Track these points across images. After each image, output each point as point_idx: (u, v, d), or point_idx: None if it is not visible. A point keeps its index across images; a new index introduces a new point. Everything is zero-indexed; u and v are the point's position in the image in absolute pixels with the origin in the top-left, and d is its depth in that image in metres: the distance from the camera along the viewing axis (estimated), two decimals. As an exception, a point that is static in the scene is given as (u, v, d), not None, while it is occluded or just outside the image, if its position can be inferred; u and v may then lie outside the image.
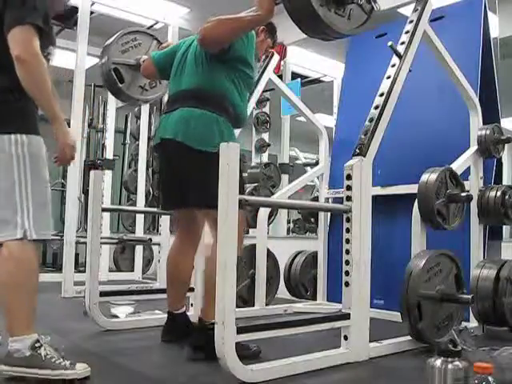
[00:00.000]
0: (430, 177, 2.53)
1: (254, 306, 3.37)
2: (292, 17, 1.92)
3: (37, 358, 1.76)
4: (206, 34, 2.21)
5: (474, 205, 2.90)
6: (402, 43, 2.56)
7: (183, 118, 2.22)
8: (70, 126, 4.42)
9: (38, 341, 1.79)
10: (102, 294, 2.82)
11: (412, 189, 2.66)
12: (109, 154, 6.05)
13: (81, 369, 1.80)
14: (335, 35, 2.00)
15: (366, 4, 2.04)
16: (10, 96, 1.81)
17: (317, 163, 4.18)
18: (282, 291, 3.85)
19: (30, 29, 1.76)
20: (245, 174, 4.88)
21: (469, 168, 2.96)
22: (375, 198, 2.40)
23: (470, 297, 2.44)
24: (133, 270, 5.82)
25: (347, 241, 2.21)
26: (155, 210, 5.59)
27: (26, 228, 1.79)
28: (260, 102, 5.38)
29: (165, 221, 4.60)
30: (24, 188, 1.80)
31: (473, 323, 2.83)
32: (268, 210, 3.54)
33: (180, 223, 2.60)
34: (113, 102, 6.08)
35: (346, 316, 2.17)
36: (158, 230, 6.31)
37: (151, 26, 5.52)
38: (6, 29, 1.77)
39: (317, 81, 6.45)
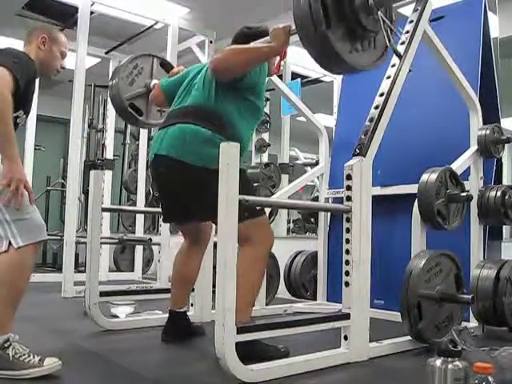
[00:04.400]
0: (429, 177, 2.53)
1: (254, 305, 3.36)
2: (319, 64, 1.90)
3: (4, 358, 1.79)
4: (220, 64, 2.16)
5: (474, 205, 2.90)
6: (402, 43, 2.56)
7: (178, 134, 2.19)
8: (69, 126, 4.43)
9: (7, 340, 1.80)
10: (102, 294, 2.81)
11: (412, 189, 2.66)
12: (109, 154, 6.05)
13: (48, 364, 1.82)
14: (358, 71, 2.00)
15: (389, 29, 1.98)
16: None
17: (317, 163, 4.18)
18: (282, 291, 3.84)
19: (7, 72, 1.76)
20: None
21: (469, 168, 2.96)
22: (375, 198, 2.39)
23: (469, 297, 2.44)
24: (133, 270, 5.82)
25: (347, 241, 2.21)
26: (155, 210, 5.60)
27: (10, 239, 1.82)
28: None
29: (165, 221, 4.60)
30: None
31: (473, 323, 2.83)
32: (268, 209, 3.54)
33: (186, 234, 2.62)
34: (113, 102, 6.08)
35: (346, 316, 2.17)
36: (157, 230, 6.32)
37: (151, 26, 5.53)
38: None
39: (317, 81, 6.45)
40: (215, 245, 1.89)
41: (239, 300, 1.81)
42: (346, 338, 2.19)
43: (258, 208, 2.15)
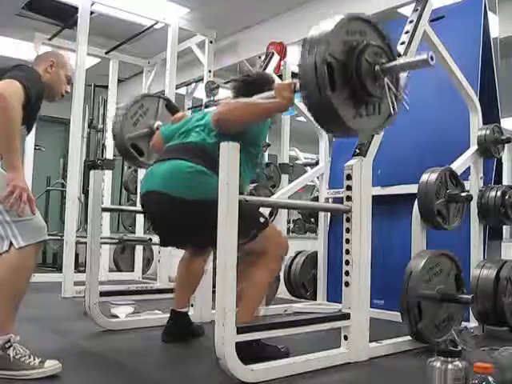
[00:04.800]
0: (429, 177, 2.53)
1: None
2: (321, 127, 1.88)
3: (5, 358, 1.79)
4: (223, 117, 2.14)
5: (474, 205, 2.89)
6: (402, 43, 2.56)
7: (169, 169, 2.16)
8: (69, 126, 4.43)
9: (8, 341, 1.81)
10: (102, 293, 2.81)
11: (412, 189, 2.66)
12: (109, 154, 6.05)
13: (49, 366, 1.83)
14: (369, 134, 2.00)
15: (395, 97, 1.92)
16: None
17: (317, 163, 4.18)
18: (282, 291, 3.84)
19: (21, 86, 1.81)
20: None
21: (469, 168, 2.96)
22: (375, 198, 2.39)
23: (469, 297, 2.44)
24: (133, 270, 5.83)
25: (347, 241, 2.21)
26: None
27: (10, 239, 1.83)
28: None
29: (165, 221, 4.59)
30: None
31: (473, 323, 2.83)
32: (268, 209, 3.54)
33: (187, 250, 2.65)
34: (113, 102, 6.08)
35: (346, 316, 2.17)
36: (158, 230, 6.30)
37: (151, 26, 5.53)
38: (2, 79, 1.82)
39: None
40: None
41: (246, 301, 1.82)
42: (345, 338, 2.19)
43: (261, 220, 2.15)
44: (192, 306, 2.99)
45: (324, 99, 1.69)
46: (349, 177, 2.22)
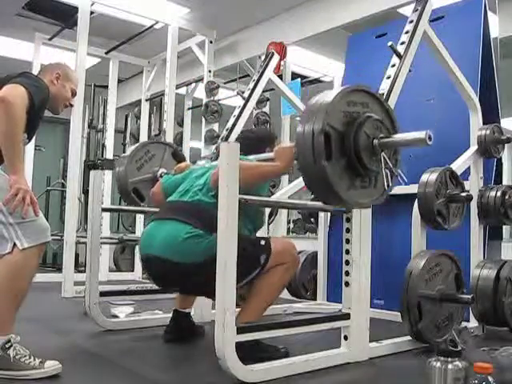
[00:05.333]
0: (429, 177, 2.53)
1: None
2: (314, 194, 1.89)
3: (5, 358, 1.79)
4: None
5: (474, 205, 2.89)
6: (402, 43, 2.56)
7: (170, 234, 2.17)
8: (70, 126, 4.43)
9: (8, 341, 1.81)
10: (102, 293, 2.81)
11: (412, 189, 2.66)
12: (109, 154, 6.05)
13: (49, 367, 1.83)
14: (364, 206, 1.98)
15: (391, 173, 1.90)
16: None
17: (317, 163, 4.16)
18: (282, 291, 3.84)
19: (24, 89, 1.82)
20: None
21: (469, 168, 2.96)
22: (375, 198, 2.39)
23: (469, 297, 2.44)
24: (133, 270, 5.83)
25: (347, 241, 2.21)
26: (155, 209, 5.58)
27: (14, 240, 1.84)
28: (260, 102, 5.38)
29: (165, 221, 4.59)
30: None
31: (473, 323, 2.83)
32: (268, 209, 3.54)
33: None
34: (113, 102, 6.08)
35: (346, 316, 2.17)
36: (158, 230, 6.30)
37: (151, 26, 5.53)
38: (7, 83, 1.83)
39: (317, 81, 6.45)
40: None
41: (254, 303, 1.82)
42: (346, 338, 2.19)
43: (262, 243, 2.15)
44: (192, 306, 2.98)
45: (318, 168, 1.67)
46: (349, 177, 2.22)
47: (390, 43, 2.53)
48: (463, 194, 2.60)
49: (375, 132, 1.79)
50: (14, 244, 1.84)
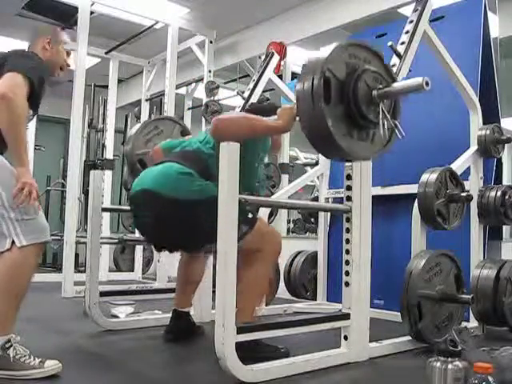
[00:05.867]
0: (429, 177, 2.53)
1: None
2: (312, 144, 1.86)
3: (5, 358, 1.79)
4: (220, 128, 2.12)
5: (474, 205, 2.89)
6: (402, 43, 2.56)
7: (162, 170, 2.17)
8: (70, 126, 4.43)
9: (8, 341, 1.81)
10: (102, 293, 2.81)
11: (412, 189, 2.66)
12: (109, 154, 6.05)
13: (49, 366, 1.83)
14: (359, 159, 1.98)
15: (389, 125, 1.91)
16: None
17: (317, 163, 4.17)
18: (282, 291, 3.84)
19: (24, 78, 1.82)
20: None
21: (469, 168, 2.96)
22: (375, 198, 2.39)
23: (469, 297, 2.44)
24: (133, 270, 5.83)
25: (347, 241, 2.21)
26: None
27: (13, 237, 1.83)
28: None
29: (165, 221, 4.59)
30: (1, 205, 1.84)
31: (473, 323, 2.83)
32: (268, 209, 3.54)
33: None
34: (113, 102, 6.08)
35: (346, 316, 2.17)
36: (158, 230, 6.30)
37: (151, 26, 5.53)
38: (4, 72, 1.82)
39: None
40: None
41: (245, 301, 1.81)
42: (346, 338, 2.19)
43: (250, 216, 2.13)
44: (192, 305, 2.98)
45: (317, 111, 1.70)
46: (349, 177, 2.23)
47: (390, 43, 2.53)
48: (463, 194, 2.60)
49: (375, 84, 1.84)
50: (13, 242, 1.83)
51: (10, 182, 1.82)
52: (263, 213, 3.48)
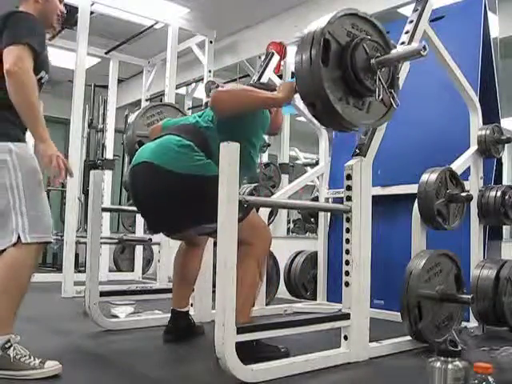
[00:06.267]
0: (429, 177, 2.53)
1: (253, 305, 3.36)
2: (309, 109, 1.88)
3: (5, 358, 1.79)
4: (219, 100, 2.11)
5: (474, 205, 2.89)
6: (402, 43, 2.56)
7: (159, 143, 2.17)
8: (70, 126, 4.43)
9: (8, 341, 1.81)
10: (102, 294, 2.81)
11: (412, 189, 2.66)
12: (109, 154, 6.05)
13: (49, 367, 1.83)
14: (353, 128, 1.97)
15: (385, 97, 1.95)
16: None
17: (317, 163, 4.17)
18: (282, 291, 3.85)
19: (24, 48, 1.80)
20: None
21: (469, 168, 2.96)
22: (375, 198, 2.39)
23: (469, 297, 2.44)
24: (133, 270, 5.83)
25: (347, 241, 2.21)
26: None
27: (19, 232, 1.83)
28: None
29: (165, 221, 4.59)
30: (17, 194, 1.85)
31: (473, 323, 2.83)
32: (268, 210, 3.54)
33: (181, 239, 2.62)
34: (113, 102, 6.08)
35: (346, 316, 2.17)
36: (157, 230, 6.30)
37: (151, 26, 5.53)
38: (3, 46, 1.81)
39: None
40: (215, 243, 1.89)
41: (238, 301, 1.81)
42: (346, 338, 2.19)
43: (244, 206, 2.12)
44: (192, 305, 2.99)
45: (314, 69, 1.74)
46: (349, 177, 2.22)
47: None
48: (463, 194, 2.60)
49: (374, 53, 1.88)
50: (19, 237, 1.82)
51: (31, 172, 1.87)
52: (263, 213, 3.48)
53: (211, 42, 5.37)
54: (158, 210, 2.19)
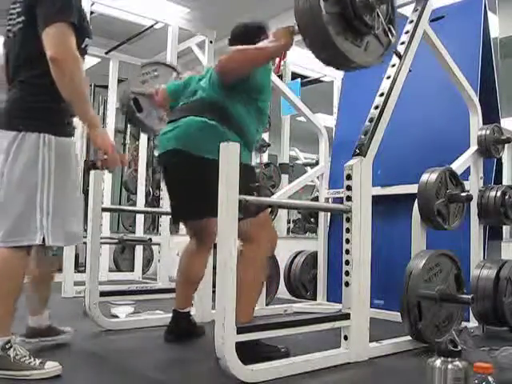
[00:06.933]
0: (429, 177, 2.53)
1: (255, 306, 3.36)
2: (306, 43, 1.90)
3: (6, 359, 1.79)
4: (224, 65, 2.14)
5: (474, 205, 2.89)
6: (402, 43, 2.56)
7: (183, 127, 2.18)
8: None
9: (8, 341, 1.80)
10: (102, 294, 2.81)
11: (412, 189, 2.66)
12: (109, 154, 6.04)
13: (49, 367, 1.83)
14: (351, 65, 1.96)
15: (383, 36, 1.98)
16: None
17: (317, 163, 4.17)
18: (282, 291, 3.84)
19: (64, 26, 1.72)
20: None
21: (469, 168, 2.96)
22: (375, 198, 2.39)
23: (469, 297, 2.44)
24: (133, 270, 5.82)
25: (347, 241, 2.21)
26: (155, 210, 5.58)
27: (44, 233, 1.82)
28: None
29: (165, 221, 4.59)
30: (46, 191, 1.82)
31: (473, 323, 2.83)
32: (268, 210, 3.53)
33: (192, 233, 2.61)
34: (113, 102, 6.08)
35: (346, 316, 2.17)
36: (157, 230, 6.31)
37: (151, 26, 5.54)
38: (40, 27, 1.74)
39: (317, 81, 6.45)
40: (215, 245, 1.89)
41: (241, 301, 1.81)
42: (346, 338, 2.19)
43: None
44: (192, 305, 2.98)
45: (313, 4, 1.77)
46: (349, 177, 2.22)
47: (389, 43, 2.53)
48: (463, 194, 2.59)
49: None
50: (44, 238, 1.81)
51: (66, 169, 1.86)
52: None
53: (211, 42, 5.37)
54: (183, 194, 2.24)
